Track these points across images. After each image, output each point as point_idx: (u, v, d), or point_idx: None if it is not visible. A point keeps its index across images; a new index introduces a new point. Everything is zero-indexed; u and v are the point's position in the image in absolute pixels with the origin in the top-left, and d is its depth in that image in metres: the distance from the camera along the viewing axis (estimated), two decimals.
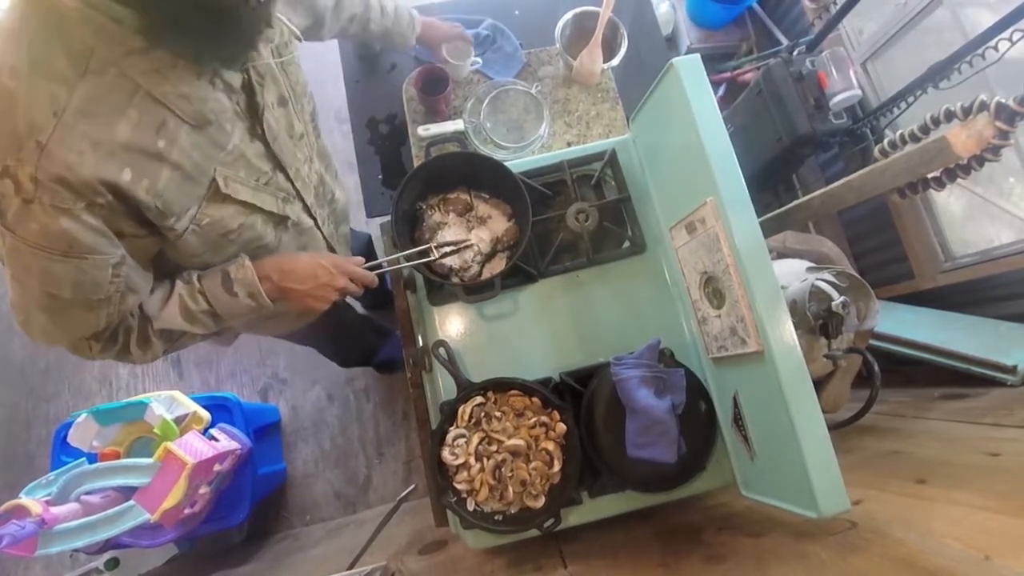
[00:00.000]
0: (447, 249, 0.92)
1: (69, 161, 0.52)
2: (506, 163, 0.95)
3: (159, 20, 0.52)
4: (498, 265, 0.95)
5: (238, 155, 0.68)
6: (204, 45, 0.57)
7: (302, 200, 0.83)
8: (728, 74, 2.09)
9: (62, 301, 0.61)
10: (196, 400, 1.47)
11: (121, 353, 0.73)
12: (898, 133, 0.88)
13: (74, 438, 1.31)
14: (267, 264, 0.77)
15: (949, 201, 1.60)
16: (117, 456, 1.32)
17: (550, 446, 0.83)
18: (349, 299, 1.18)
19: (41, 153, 0.51)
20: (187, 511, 1.31)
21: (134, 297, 0.68)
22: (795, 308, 1.00)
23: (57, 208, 0.54)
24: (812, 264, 1.15)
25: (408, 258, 0.89)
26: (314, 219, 0.88)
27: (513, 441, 0.82)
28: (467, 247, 0.93)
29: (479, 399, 0.86)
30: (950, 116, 0.78)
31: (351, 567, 1.08)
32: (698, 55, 0.80)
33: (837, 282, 1.03)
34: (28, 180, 0.52)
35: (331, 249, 0.97)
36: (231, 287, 0.73)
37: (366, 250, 1.38)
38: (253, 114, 0.70)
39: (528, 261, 0.95)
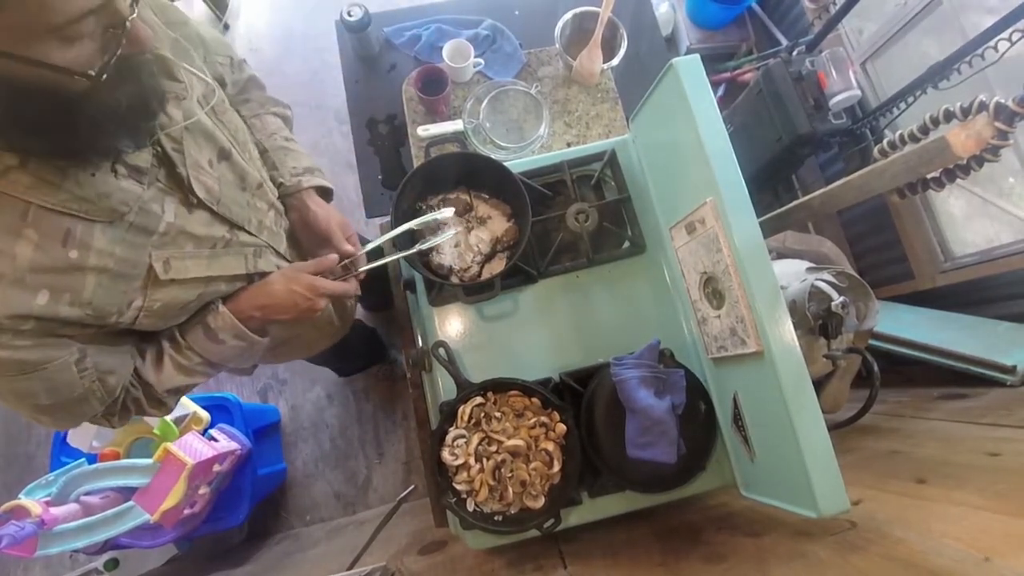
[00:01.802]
0: (433, 241, 0.88)
1: None
2: (506, 163, 0.95)
3: (13, 132, 0.46)
4: (498, 265, 0.95)
5: (177, 232, 0.62)
6: (77, 142, 0.49)
7: (273, 248, 0.78)
8: (728, 74, 2.10)
9: (46, 405, 0.59)
10: (195, 400, 1.47)
11: (140, 415, 0.71)
12: (898, 133, 0.88)
13: (73, 439, 1.32)
14: (243, 302, 0.72)
15: (949, 201, 1.60)
16: (116, 457, 1.32)
17: (550, 446, 0.83)
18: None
19: None
20: (187, 511, 1.31)
21: (114, 377, 0.64)
22: (795, 308, 1.00)
23: None
24: (812, 264, 1.15)
25: (394, 250, 0.86)
26: (290, 261, 0.83)
27: (513, 441, 0.82)
28: (450, 230, 0.89)
29: (479, 399, 0.86)
30: (949, 116, 0.78)
31: (351, 567, 1.08)
32: (698, 55, 0.80)
33: (837, 282, 1.03)
34: None
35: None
36: (215, 336, 0.69)
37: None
38: (181, 186, 0.62)
39: (528, 261, 0.95)
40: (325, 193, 0.90)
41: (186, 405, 1.42)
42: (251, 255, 0.73)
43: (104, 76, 0.45)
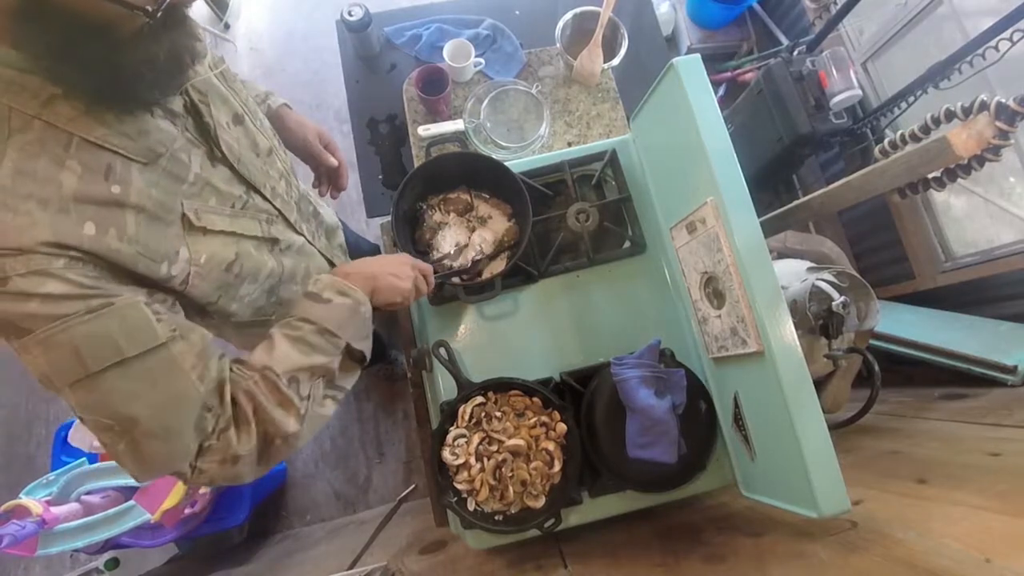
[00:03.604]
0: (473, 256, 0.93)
1: (20, 225, 0.47)
2: (506, 163, 0.95)
3: (64, 66, 0.48)
4: (498, 265, 0.95)
5: (203, 184, 0.63)
6: (123, 83, 0.51)
7: (285, 218, 0.80)
8: (728, 74, 2.10)
9: (132, 367, 0.51)
10: None
11: (268, 433, 0.59)
12: (898, 133, 0.88)
13: (75, 438, 1.32)
14: (340, 267, 0.74)
15: (949, 201, 1.60)
16: None
17: (550, 446, 0.83)
18: None
19: None
20: (187, 511, 1.32)
21: (195, 334, 0.58)
22: (795, 308, 1.00)
23: (36, 273, 0.47)
24: (812, 264, 1.15)
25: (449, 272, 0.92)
26: (302, 235, 0.85)
27: (513, 441, 0.82)
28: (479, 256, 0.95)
29: (479, 399, 0.86)
30: (950, 116, 0.78)
31: (351, 567, 1.08)
32: (698, 55, 0.80)
33: (837, 282, 1.03)
34: None
35: (330, 263, 0.94)
36: (319, 297, 0.67)
37: None
38: (207, 136, 0.65)
39: (528, 261, 0.95)
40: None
41: None
42: (264, 221, 0.74)
43: (158, 14, 0.47)
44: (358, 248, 1.23)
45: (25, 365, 0.50)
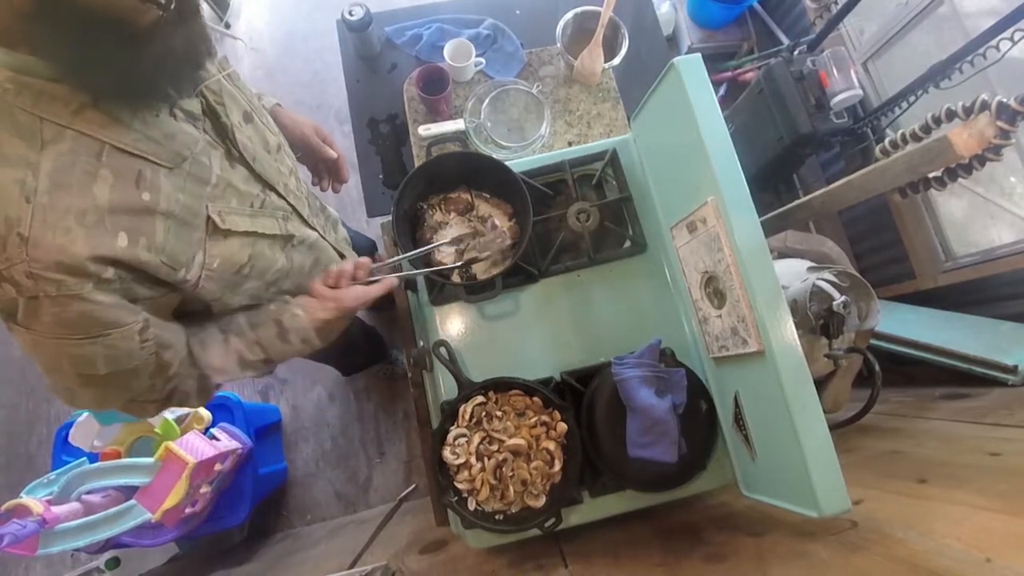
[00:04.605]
0: (452, 256, 0.92)
1: (59, 243, 0.48)
2: (507, 163, 0.95)
3: (83, 66, 0.49)
4: (499, 265, 0.95)
5: (225, 185, 0.65)
6: (144, 78, 0.52)
7: (299, 215, 0.81)
8: (729, 74, 2.09)
9: (100, 377, 0.58)
10: None
11: (181, 404, 0.71)
12: (899, 132, 0.88)
13: (75, 437, 1.32)
14: (321, 308, 0.76)
15: (950, 201, 1.60)
16: (118, 456, 1.32)
17: (551, 446, 0.83)
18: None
19: (27, 245, 0.47)
20: (188, 510, 1.32)
21: (169, 352, 0.63)
22: (796, 308, 1.00)
23: (66, 296, 0.50)
24: (813, 264, 1.15)
25: (415, 264, 0.90)
26: (315, 230, 0.86)
27: (514, 441, 0.82)
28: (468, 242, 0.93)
29: (480, 399, 0.86)
30: (951, 116, 0.78)
31: (352, 566, 1.08)
32: (699, 55, 0.80)
33: (838, 282, 1.03)
34: (25, 278, 0.48)
35: (340, 255, 0.96)
36: (286, 336, 0.74)
37: (369, 256, 1.37)
38: (224, 137, 0.67)
39: (529, 261, 0.95)
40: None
41: None
42: (280, 218, 0.76)
43: (171, 5, 0.48)
44: (355, 244, 1.24)
45: (10, 334, 0.54)
